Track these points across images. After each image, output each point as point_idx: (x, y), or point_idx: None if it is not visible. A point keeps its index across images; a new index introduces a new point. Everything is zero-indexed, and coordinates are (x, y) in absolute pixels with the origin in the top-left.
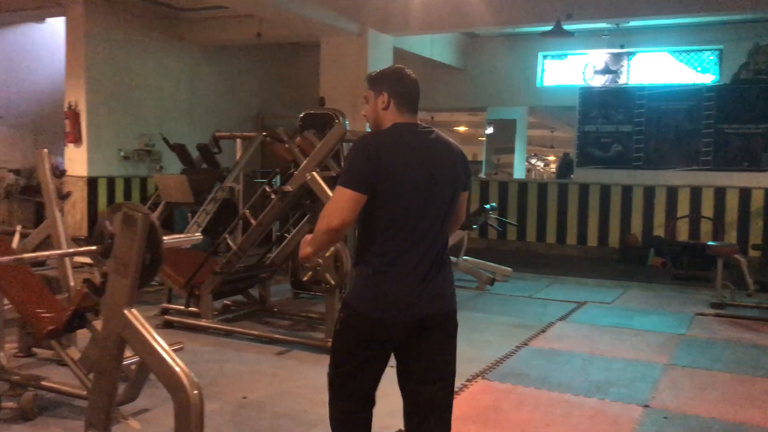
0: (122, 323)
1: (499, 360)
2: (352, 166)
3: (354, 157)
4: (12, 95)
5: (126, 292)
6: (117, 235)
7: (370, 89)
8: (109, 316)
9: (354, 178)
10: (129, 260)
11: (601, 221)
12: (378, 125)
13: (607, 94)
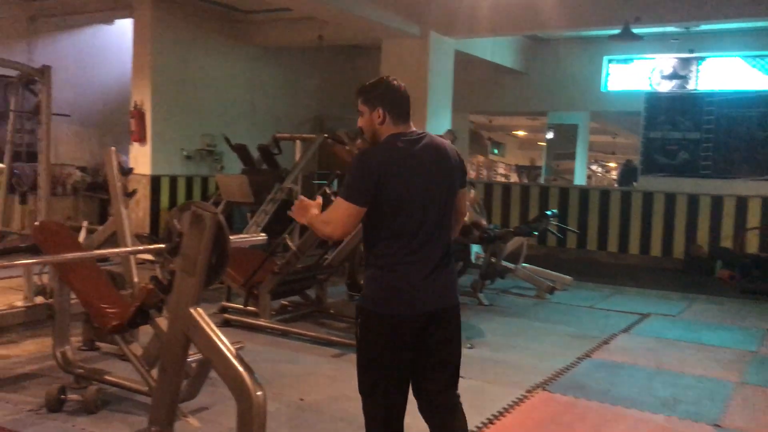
0: (188, 322)
1: (560, 371)
2: (354, 180)
3: (355, 172)
4: (80, 95)
5: (192, 290)
6: (185, 234)
7: (363, 104)
8: (175, 314)
9: (355, 193)
10: (196, 259)
11: (665, 231)
12: (375, 138)
13: (675, 100)
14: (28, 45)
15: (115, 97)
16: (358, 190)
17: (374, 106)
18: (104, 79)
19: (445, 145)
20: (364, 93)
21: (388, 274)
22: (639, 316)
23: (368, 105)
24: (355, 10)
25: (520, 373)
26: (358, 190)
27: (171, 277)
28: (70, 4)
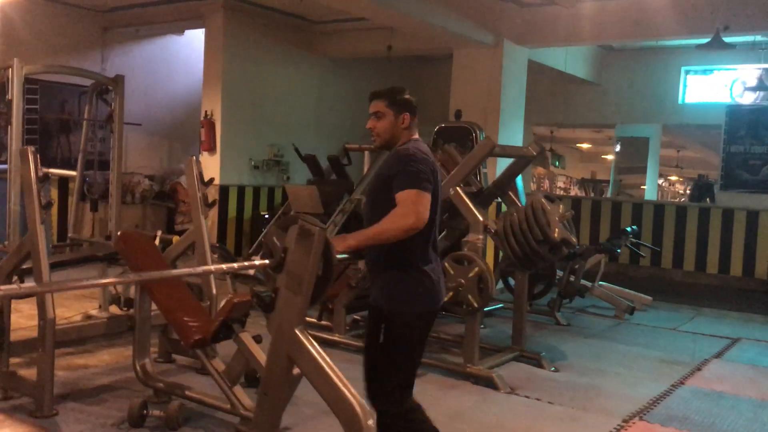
0: (292, 343)
1: (655, 399)
2: (422, 171)
3: (422, 164)
4: (149, 105)
5: (298, 309)
6: (291, 250)
7: (388, 107)
8: (278, 334)
9: (426, 183)
10: (303, 276)
11: (746, 249)
12: (392, 141)
13: (759, 113)
14: (101, 55)
15: (183, 107)
16: (427, 180)
17: (401, 110)
18: (173, 89)
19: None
20: (391, 96)
21: (423, 272)
22: (729, 341)
23: (394, 108)
24: (429, 19)
25: (612, 400)
26: (428, 181)
27: (274, 295)
28: (143, 15)
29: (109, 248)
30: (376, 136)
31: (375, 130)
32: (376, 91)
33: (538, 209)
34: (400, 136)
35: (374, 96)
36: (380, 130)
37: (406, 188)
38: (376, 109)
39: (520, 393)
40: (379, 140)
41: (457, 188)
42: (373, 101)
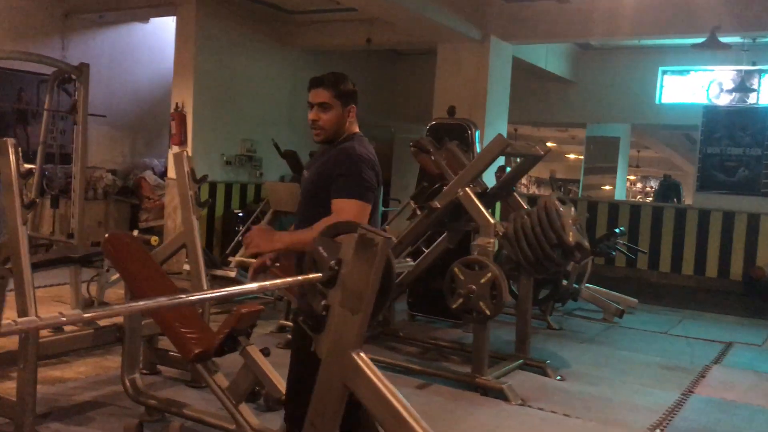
0: (349, 368)
1: (670, 410)
2: (368, 178)
3: (369, 170)
4: (112, 95)
5: (355, 330)
6: (348, 262)
7: (335, 98)
8: (331, 357)
9: (369, 193)
10: (363, 292)
11: (722, 251)
12: (337, 134)
13: (735, 115)
14: (61, 42)
15: (148, 99)
16: (371, 189)
17: (348, 102)
18: (137, 79)
19: None
20: (337, 86)
21: None
22: (723, 345)
23: (342, 100)
24: (417, 10)
25: (627, 411)
26: (372, 190)
27: (324, 314)
28: (108, 0)
29: (80, 249)
30: (319, 129)
31: (319, 122)
32: (319, 78)
33: (552, 212)
34: (344, 128)
35: (317, 84)
36: (325, 123)
37: (347, 197)
38: (320, 100)
39: (533, 405)
40: (323, 134)
41: (466, 189)
42: (315, 89)
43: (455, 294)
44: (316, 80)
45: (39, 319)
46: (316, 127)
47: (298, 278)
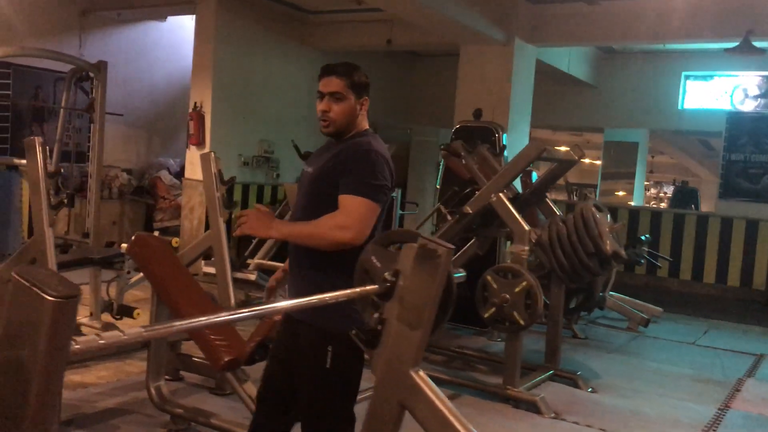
0: (406, 387)
1: (709, 426)
2: (381, 177)
3: (383, 169)
4: (128, 94)
5: (414, 347)
6: (405, 273)
7: (349, 89)
8: (387, 375)
9: (381, 195)
10: (423, 307)
11: (745, 259)
12: (348, 128)
13: (760, 121)
14: (79, 40)
15: (164, 98)
16: (383, 191)
17: (361, 94)
18: (154, 78)
19: None
20: (352, 76)
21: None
22: (754, 358)
23: (355, 91)
24: (442, 10)
25: (664, 426)
26: (383, 192)
27: (380, 328)
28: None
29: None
30: (328, 121)
31: (330, 114)
32: (332, 66)
33: (589, 219)
34: (356, 122)
35: (330, 72)
36: (337, 115)
37: (356, 194)
38: (333, 89)
39: (567, 418)
40: (333, 127)
41: (500, 195)
42: (328, 78)
43: (487, 303)
44: (328, 68)
45: (99, 338)
46: (326, 119)
47: (356, 290)
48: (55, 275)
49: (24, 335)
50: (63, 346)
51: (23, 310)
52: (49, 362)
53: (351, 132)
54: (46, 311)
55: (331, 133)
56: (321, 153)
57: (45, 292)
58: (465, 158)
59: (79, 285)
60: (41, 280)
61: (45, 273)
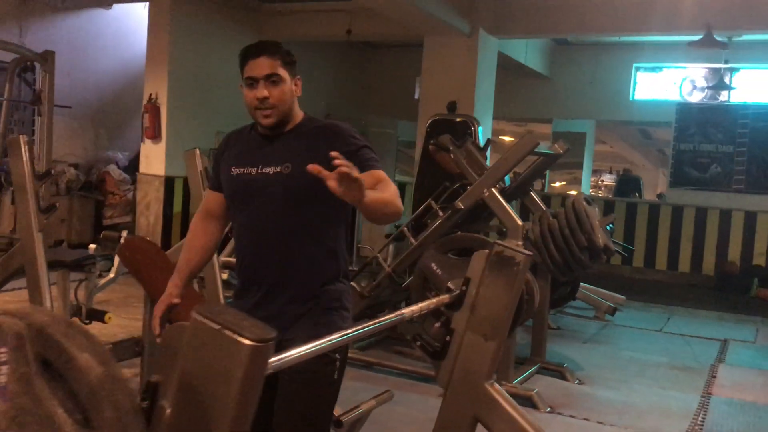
0: (481, 401)
1: (696, 414)
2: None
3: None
4: (74, 85)
5: (489, 358)
6: (477, 281)
7: (283, 68)
8: (459, 389)
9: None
10: (499, 317)
11: (695, 246)
12: (288, 113)
13: (708, 112)
14: (19, 28)
15: (110, 89)
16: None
17: (294, 72)
18: (100, 68)
19: None
20: (284, 53)
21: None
22: (719, 343)
23: (291, 71)
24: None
25: (656, 416)
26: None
27: (447, 338)
28: None
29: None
30: (270, 109)
31: (270, 100)
32: (259, 45)
33: (581, 213)
34: (294, 106)
35: (258, 52)
36: (278, 99)
37: (380, 168)
38: (270, 71)
39: (563, 412)
40: (276, 114)
41: (492, 190)
42: (255, 59)
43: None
44: (255, 49)
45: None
46: (266, 107)
47: (432, 301)
48: (240, 315)
49: (211, 379)
50: (256, 391)
51: (211, 353)
52: (241, 407)
53: (296, 120)
54: (242, 356)
55: (272, 123)
56: (255, 150)
57: (242, 336)
58: (453, 152)
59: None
60: (232, 322)
61: (229, 312)
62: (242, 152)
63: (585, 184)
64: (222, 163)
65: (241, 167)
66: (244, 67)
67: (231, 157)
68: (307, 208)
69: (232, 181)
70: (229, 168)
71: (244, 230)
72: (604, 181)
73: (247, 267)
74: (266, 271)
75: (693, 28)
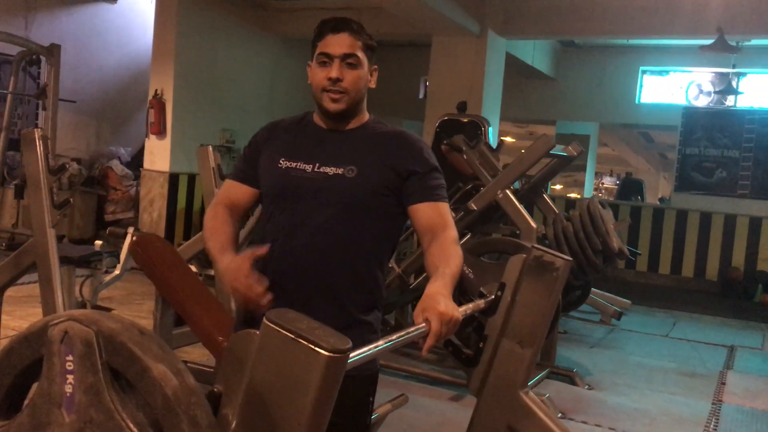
0: (515, 409)
1: (708, 422)
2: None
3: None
4: (78, 79)
5: (525, 366)
6: (514, 287)
7: (363, 51)
8: (493, 397)
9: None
10: (536, 324)
11: (699, 251)
12: (358, 104)
13: (714, 116)
14: (25, 22)
15: (114, 84)
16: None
17: (374, 62)
18: (104, 63)
19: None
20: (366, 36)
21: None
22: (726, 349)
23: (370, 56)
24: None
25: (669, 423)
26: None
27: (481, 344)
28: None
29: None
30: (341, 94)
31: (344, 83)
32: (343, 20)
33: (597, 217)
34: (364, 104)
35: (341, 27)
36: (352, 84)
37: (446, 199)
38: (349, 50)
39: (575, 418)
40: (346, 101)
41: (506, 192)
42: (337, 34)
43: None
44: (338, 23)
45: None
46: (338, 90)
47: (469, 306)
48: (313, 322)
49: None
50: (331, 402)
51: (284, 363)
52: (315, 419)
53: (360, 115)
54: (319, 366)
55: (341, 110)
56: (313, 143)
57: (318, 346)
58: (467, 153)
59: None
60: (306, 331)
61: (302, 320)
62: (295, 144)
63: (588, 187)
64: (264, 153)
65: (292, 160)
66: (318, 42)
67: (279, 148)
68: (366, 220)
69: (279, 176)
70: (275, 159)
71: (283, 234)
72: (605, 183)
73: (281, 276)
74: (302, 283)
75: (702, 32)
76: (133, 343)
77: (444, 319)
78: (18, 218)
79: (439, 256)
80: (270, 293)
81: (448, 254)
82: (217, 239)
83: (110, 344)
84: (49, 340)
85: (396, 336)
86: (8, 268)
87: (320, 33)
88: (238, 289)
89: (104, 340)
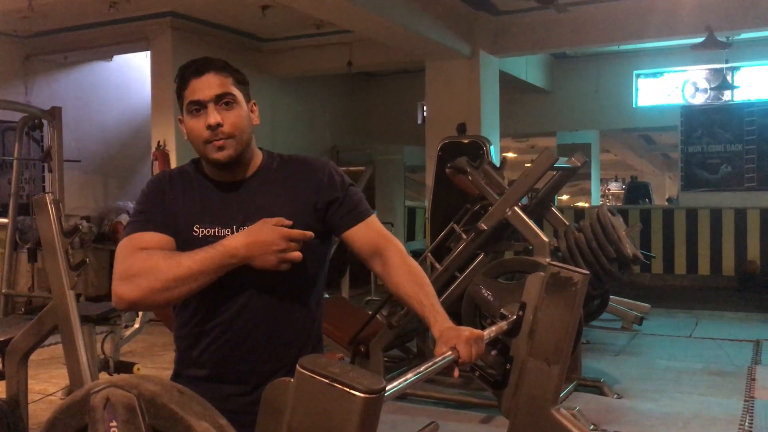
0: (549, 427)
1: (741, 419)
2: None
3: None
4: (81, 138)
5: (553, 384)
6: (534, 305)
7: (236, 87)
8: (526, 417)
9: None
10: (561, 340)
11: (712, 247)
12: (247, 146)
13: (713, 112)
14: (24, 86)
15: (117, 139)
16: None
17: (250, 97)
18: (105, 120)
19: None
20: (234, 70)
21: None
22: (752, 344)
23: (244, 91)
24: (410, 27)
25: (703, 425)
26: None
27: (507, 366)
28: (75, 40)
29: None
30: (224, 139)
31: (225, 127)
32: (205, 61)
33: (607, 225)
34: (253, 144)
35: (204, 68)
36: (234, 126)
37: (372, 211)
38: (220, 90)
39: (608, 429)
40: (233, 146)
41: (515, 208)
42: (201, 77)
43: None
44: (198, 65)
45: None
46: (220, 137)
47: (492, 329)
48: (345, 365)
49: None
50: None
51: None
52: None
53: (253, 157)
54: (356, 408)
55: (230, 158)
56: (218, 202)
57: (354, 389)
58: (471, 174)
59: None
60: (340, 374)
61: (334, 364)
62: (203, 205)
63: (594, 194)
64: (167, 212)
65: (208, 226)
66: (184, 92)
67: (185, 211)
68: (298, 268)
69: (198, 246)
70: (188, 225)
71: (213, 307)
72: (611, 189)
73: (217, 348)
74: (248, 351)
75: (692, 31)
76: (174, 403)
77: (469, 340)
78: (33, 281)
79: (411, 284)
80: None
81: (418, 279)
82: (175, 257)
83: (152, 406)
84: (91, 408)
85: (425, 367)
86: (31, 333)
87: (183, 80)
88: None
89: (146, 403)
